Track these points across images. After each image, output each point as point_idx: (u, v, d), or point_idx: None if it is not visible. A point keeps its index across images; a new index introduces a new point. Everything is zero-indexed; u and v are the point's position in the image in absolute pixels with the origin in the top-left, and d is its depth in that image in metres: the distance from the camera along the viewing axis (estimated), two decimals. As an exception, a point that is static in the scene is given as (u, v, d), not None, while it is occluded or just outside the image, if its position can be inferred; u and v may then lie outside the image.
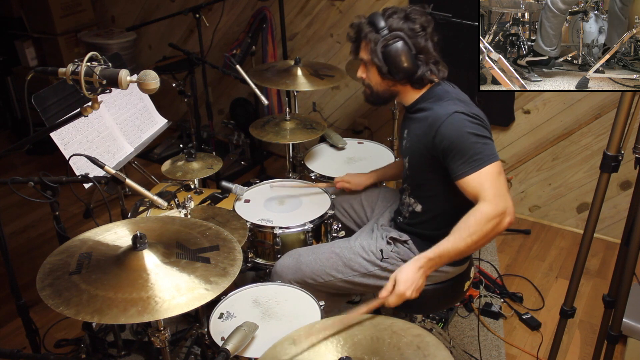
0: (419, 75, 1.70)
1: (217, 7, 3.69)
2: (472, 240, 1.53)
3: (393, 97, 1.82)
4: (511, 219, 1.54)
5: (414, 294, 1.55)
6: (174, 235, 1.48)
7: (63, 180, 1.63)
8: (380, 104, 1.86)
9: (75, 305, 1.22)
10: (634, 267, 1.66)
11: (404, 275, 1.55)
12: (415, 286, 1.55)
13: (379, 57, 1.68)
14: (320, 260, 1.88)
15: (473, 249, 1.57)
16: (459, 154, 1.58)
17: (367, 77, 1.79)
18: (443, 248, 1.56)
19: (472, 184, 1.57)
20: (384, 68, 1.70)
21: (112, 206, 1.79)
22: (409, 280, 1.54)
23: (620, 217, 2.95)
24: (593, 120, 2.88)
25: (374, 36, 1.69)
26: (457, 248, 1.55)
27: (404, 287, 1.54)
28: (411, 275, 1.55)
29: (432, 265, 1.57)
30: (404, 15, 1.68)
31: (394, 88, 1.78)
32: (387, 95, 1.80)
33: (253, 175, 3.73)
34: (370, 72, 1.77)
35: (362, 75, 1.81)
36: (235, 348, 1.48)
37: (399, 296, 1.54)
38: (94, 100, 1.38)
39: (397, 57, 1.66)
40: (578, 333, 2.47)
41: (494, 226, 1.53)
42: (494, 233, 1.54)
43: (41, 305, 1.29)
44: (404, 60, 1.67)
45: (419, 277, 1.55)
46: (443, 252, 1.56)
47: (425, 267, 1.57)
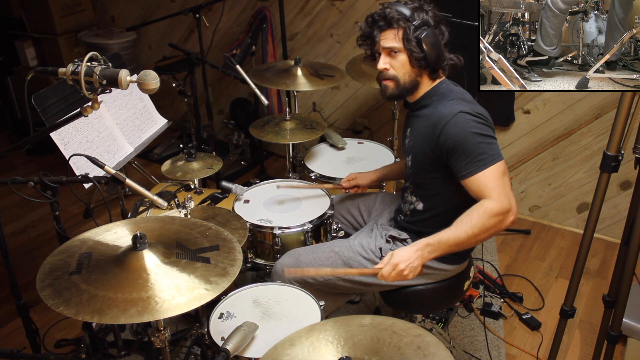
0: (444, 64, 1.72)
1: (217, 7, 3.69)
2: (473, 233, 1.54)
3: (415, 89, 1.76)
4: (514, 218, 1.56)
5: (409, 273, 1.57)
6: (174, 235, 1.48)
7: (63, 180, 1.63)
8: (400, 98, 1.80)
9: (75, 305, 1.22)
10: (634, 267, 1.66)
11: (401, 252, 1.58)
12: (411, 264, 1.57)
13: (412, 43, 1.67)
14: (320, 259, 1.89)
15: (473, 242, 1.58)
16: (464, 153, 1.59)
17: (392, 67, 1.73)
18: (443, 235, 1.58)
19: (477, 184, 1.58)
20: (418, 54, 1.67)
21: (112, 206, 1.79)
22: (405, 256, 1.57)
23: (620, 217, 2.95)
24: (593, 120, 2.88)
25: (406, 24, 1.67)
26: (457, 237, 1.56)
27: (399, 259, 1.56)
28: (408, 253, 1.58)
29: (431, 251, 1.58)
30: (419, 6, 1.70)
31: (419, 78, 1.75)
32: (411, 86, 1.75)
33: (253, 175, 3.73)
34: (397, 61, 1.72)
35: (385, 65, 1.73)
36: (235, 348, 1.48)
37: (394, 266, 1.56)
38: (94, 100, 1.38)
39: (435, 43, 1.67)
40: (578, 333, 2.47)
41: (497, 223, 1.54)
42: (495, 229, 1.55)
43: (41, 305, 1.29)
44: (436, 47, 1.67)
45: (416, 258, 1.57)
46: (442, 239, 1.57)
47: (424, 250, 1.58)
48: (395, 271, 1.57)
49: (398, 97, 1.78)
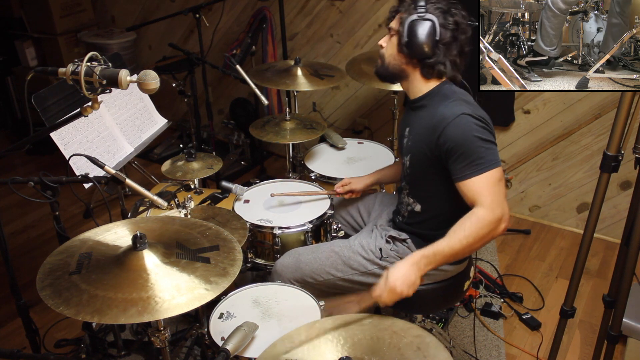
0: (431, 63, 1.70)
1: (217, 7, 3.69)
2: (467, 243, 1.54)
3: (400, 78, 1.79)
4: (506, 225, 1.57)
5: (407, 290, 1.55)
6: (174, 235, 1.48)
7: (63, 180, 1.63)
8: (386, 79, 1.84)
9: (75, 305, 1.22)
10: (634, 267, 1.66)
11: (395, 271, 1.56)
12: (408, 281, 1.54)
13: (404, 27, 1.68)
14: (320, 259, 1.89)
15: (468, 251, 1.58)
16: (462, 156, 1.59)
17: (385, 46, 1.79)
18: (438, 246, 1.57)
19: (472, 188, 1.58)
20: (404, 39, 1.69)
21: (112, 206, 1.79)
22: (400, 275, 1.54)
23: (620, 217, 2.95)
24: (593, 120, 2.88)
25: (410, 10, 1.69)
26: (452, 248, 1.55)
27: (395, 281, 1.54)
28: (403, 270, 1.55)
29: (426, 263, 1.57)
30: (446, 8, 1.69)
31: (404, 66, 1.75)
32: (396, 71, 1.77)
33: (253, 175, 3.73)
34: (390, 42, 1.77)
35: (383, 43, 1.80)
36: (235, 348, 1.48)
37: (391, 291, 1.54)
38: (94, 100, 1.38)
39: (421, 34, 1.66)
40: (578, 333, 2.47)
41: (489, 232, 1.55)
42: (489, 237, 1.56)
43: (41, 305, 1.29)
44: (424, 40, 1.66)
45: (412, 273, 1.55)
46: (438, 250, 1.56)
47: (420, 263, 1.56)
48: (394, 294, 1.54)
49: (383, 76, 1.82)
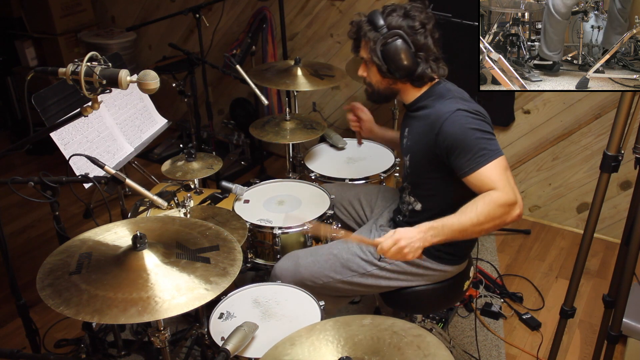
0: (419, 73, 1.70)
1: (217, 7, 3.69)
2: (478, 221, 1.52)
3: (395, 95, 1.83)
4: (520, 211, 1.54)
5: (409, 252, 1.54)
6: (174, 235, 1.48)
7: (63, 180, 1.63)
8: (382, 102, 1.86)
9: (75, 305, 1.22)
10: (634, 267, 1.66)
11: (404, 231, 1.56)
12: (412, 246, 1.54)
13: (378, 56, 1.68)
14: (319, 262, 1.88)
15: (477, 230, 1.55)
16: (464, 150, 1.58)
17: (367, 75, 1.80)
18: (447, 221, 1.55)
19: (481, 178, 1.56)
20: (384, 67, 1.70)
21: (112, 206, 1.79)
22: (407, 234, 1.54)
23: (620, 217, 2.95)
24: (593, 120, 2.88)
25: (373, 35, 1.69)
26: (461, 224, 1.53)
27: (401, 236, 1.54)
28: (411, 232, 1.55)
29: (434, 235, 1.55)
30: (404, 13, 1.67)
31: (394, 86, 1.78)
32: (389, 93, 1.80)
33: (253, 175, 3.72)
34: (370, 70, 1.78)
35: (363, 73, 1.81)
36: (235, 348, 1.48)
37: (395, 241, 1.54)
38: (94, 100, 1.38)
39: (397, 55, 1.66)
40: (578, 333, 2.47)
41: (503, 213, 1.52)
42: (500, 220, 1.53)
43: (41, 305, 1.29)
44: (403, 59, 1.66)
45: (418, 239, 1.54)
46: (447, 224, 1.55)
47: (427, 232, 1.55)
48: (396, 247, 1.54)
49: (377, 101, 1.84)
